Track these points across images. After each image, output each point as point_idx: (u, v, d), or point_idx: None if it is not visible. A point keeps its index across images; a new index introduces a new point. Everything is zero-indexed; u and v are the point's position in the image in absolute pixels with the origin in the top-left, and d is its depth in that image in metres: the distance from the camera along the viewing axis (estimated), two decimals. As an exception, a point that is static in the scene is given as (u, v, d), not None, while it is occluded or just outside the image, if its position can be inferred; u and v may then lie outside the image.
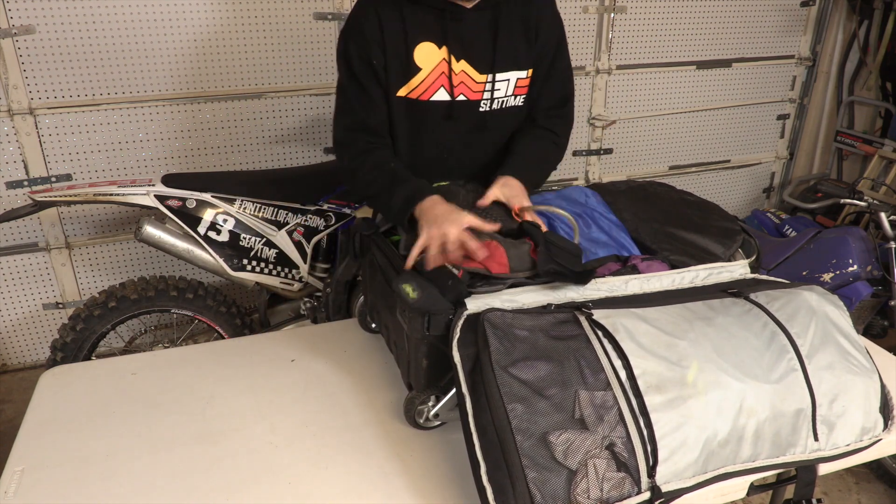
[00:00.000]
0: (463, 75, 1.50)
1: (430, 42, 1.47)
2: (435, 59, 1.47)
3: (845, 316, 1.27)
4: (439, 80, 1.49)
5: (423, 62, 1.47)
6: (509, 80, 1.53)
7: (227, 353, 1.51)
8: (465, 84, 1.51)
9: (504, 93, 1.54)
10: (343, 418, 1.29)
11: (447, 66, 1.48)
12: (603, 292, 1.24)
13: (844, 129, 3.73)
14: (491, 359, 1.02)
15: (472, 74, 1.50)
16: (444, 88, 1.49)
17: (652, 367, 1.05)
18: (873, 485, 2.34)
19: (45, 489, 1.10)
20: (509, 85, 1.54)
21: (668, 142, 3.59)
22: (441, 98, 1.50)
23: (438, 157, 1.58)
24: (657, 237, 1.54)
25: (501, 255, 1.25)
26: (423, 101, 1.49)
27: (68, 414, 1.29)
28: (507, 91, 1.54)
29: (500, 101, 1.55)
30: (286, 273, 2.27)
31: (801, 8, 3.57)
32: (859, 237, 2.55)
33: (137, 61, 2.53)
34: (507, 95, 1.55)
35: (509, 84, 1.54)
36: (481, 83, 1.51)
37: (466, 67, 1.50)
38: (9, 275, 2.66)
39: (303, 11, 2.67)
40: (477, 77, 1.51)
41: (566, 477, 0.95)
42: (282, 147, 2.85)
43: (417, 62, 1.47)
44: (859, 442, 1.18)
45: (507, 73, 1.52)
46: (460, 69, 1.49)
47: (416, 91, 1.49)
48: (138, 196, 2.09)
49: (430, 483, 1.13)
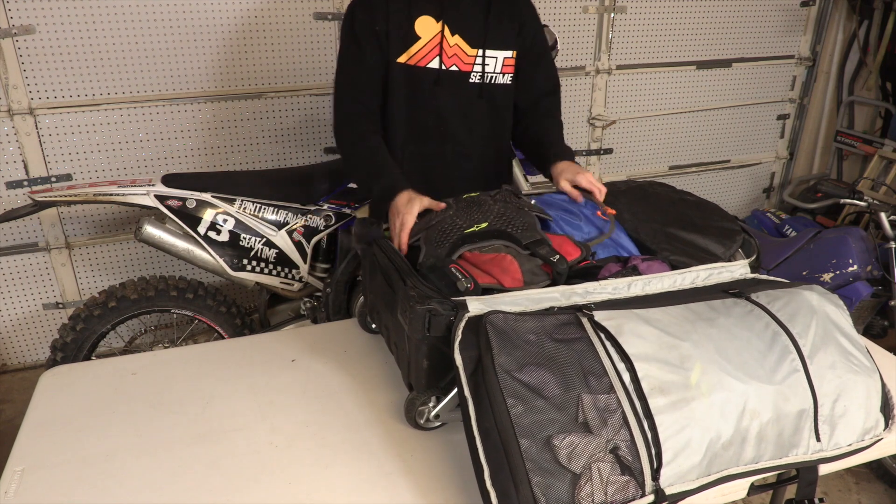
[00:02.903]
0: (456, 48, 1.69)
1: (429, 16, 1.66)
2: (432, 31, 1.67)
3: (845, 315, 1.26)
4: (434, 50, 1.68)
5: (422, 32, 1.67)
6: (497, 57, 1.73)
7: (227, 353, 1.50)
8: (457, 56, 1.70)
9: (493, 69, 1.74)
10: (343, 418, 1.29)
11: (441, 38, 1.68)
12: (605, 294, 1.23)
13: (844, 129, 3.73)
14: (493, 362, 1.01)
15: (464, 48, 1.70)
16: (438, 57, 1.69)
17: (655, 369, 1.04)
18: (873, 485, 2.34)
19: (45, 489, 1.10)
20: (497, 62, 1.73)
21: (668, 142, 3.59)
22: (433, 66, 1.69)
23: (434, 124, 1.75)
24: (657, 237, 1.54)
25: (516, 270, 1.25)
26: (419, 67, 1.68)
27: (68, 414, 1.29)
28: (495, 67, 1.74)
29: (490, 76, 1.74)
30: (286, 273, 2.27)
31: (801, 8, 3.57)
32: (859, 237, 2.55)
33: (137, 61, 2.52)
34: (495, 72, 1.74)
35: (497, 61, 1.73)
36: (472, 56, 1.71)
37: (460, 41, 1.69)
38: (9, 275, 2.66)
39: (303, 11, 2.66)
40: (468, 51, 1.70)
41: (570, 481, 0.95)
42: (282, 147, 2.85)
43: (417, 32, 1.66)
44: (860, 442, 1.18)
45: (496, 51, 1.72)
46: (454, 42, 1.69)
47: (414, 58, 1.68)
48: (138, 196, 2.09)
49: (430, 483, 1.13)
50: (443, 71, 1.69)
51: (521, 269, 1.25)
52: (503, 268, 1.25)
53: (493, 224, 1.36)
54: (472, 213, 1.40)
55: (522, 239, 1.32)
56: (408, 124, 1.74)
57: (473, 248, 1.31)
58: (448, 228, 1.36)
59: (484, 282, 1.22)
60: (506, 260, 1.26)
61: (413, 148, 1.76)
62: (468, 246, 1.31)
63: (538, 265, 1.28)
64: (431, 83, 1.70)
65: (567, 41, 3.15)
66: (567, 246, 1.36)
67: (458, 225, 1.36)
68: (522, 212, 1.42)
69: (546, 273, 1.27)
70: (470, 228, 1.35)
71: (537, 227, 1.38)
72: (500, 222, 1.37)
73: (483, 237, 1.33)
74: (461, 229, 1.35)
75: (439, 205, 1.47)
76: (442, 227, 1.37)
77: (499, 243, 1.32)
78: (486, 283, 1.22)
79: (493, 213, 1.40)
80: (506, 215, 1.39)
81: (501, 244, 1.32)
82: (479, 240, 1.32)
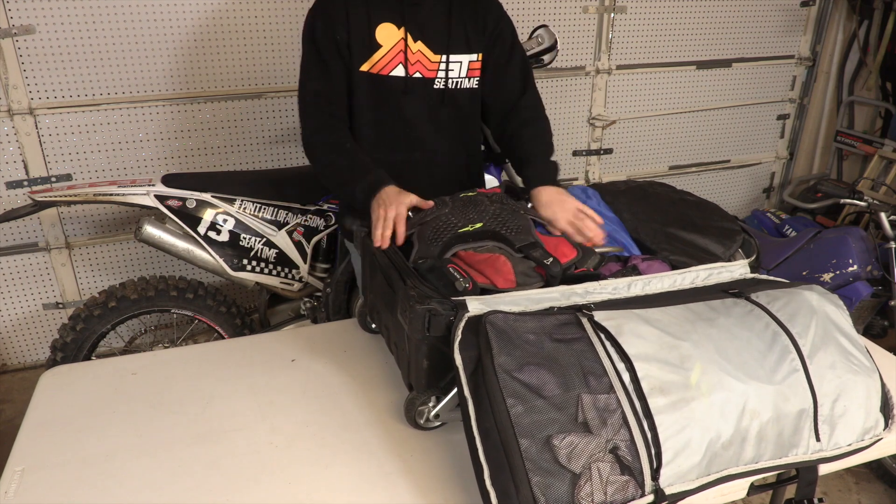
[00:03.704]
0: (420, 55, 1.66)
1: (389, 23, 1.62)
2: (394, 38, 1.63)
3: (845, 315, 1.26)
4: (397, 57, 1.64)
5: (384, 40, 1.63)
6: (461, 62, 1.69)
7: (227, 353, 1.50)
8: (420, 63, 1.66)
9: (457, 73, 1.70)
10: (343, 418, 1.29)
11: (404, 45, 1.63)
12: (605, 294, 1.23)
13: (844, 129, 3.73)
14: (493, 362, 1.01)
15: (427, 54, 1.66)
16: (402, 65, 1.65)
17: (655, 369, 1.04)
18: (873, 485, 2.34)
19: (45, 489, 1.10)
20: (462, 66, 1.69)
21: (668, 142, 3.59)
22: (398, 74, 1.65)
23: (403, 131, 1.71)
24: (657, 237, 1.54)
25: (509, 272, 1.25)
26: (382, 75, 1.64)
27: (68, 414, 1.29)
28: (460, 72, 1.70)
29: (455, 82, 1.70)
30: (286, 273, 2.27)
31: (801, 8, 3.57)
32: (859, 237, 2.55)
33: (137, 61, 2.52)
34: (460, 76, 1.70)
35: (461, 66, 1.69)
36: (436, 62, 1.67)
37: (423, 48, 1.65)
38: (9, 275, 2.66)
39: (303, 11, 2.65)
40: (432, 57, 1.67)
41: (570, 480, 0.95)
42: (282, 147, 2.85)
43: (378, 40, 1.62)
44: (860, 442, 1.18)
45: (460, 55, 1.68)
46: (417, 49, 1.65)
47: (377, 66, 1.63)
48: (138, 196, 2.09)
49: (430, 483, 1.13)
50: (409, 78, 1.65)
51: (515, 271, 1.25)
52: (496, 268, 1.25)
53: (488, 225, 1.36)
54: (468, 213, 1.40)
55: (516, 242, 1.32)
56: (374, 132, 1.69)
57: (467, 247, 1.31)
58: (442, 226, 1.36)
59: (478, 281, 1.22)
60: (499, 261, 1.26)
61: (381, 156, 1.66)
62: (461, 245, 1.31)
63: (531, 267, 1.28)
64: (399, 91, 1.65)
65: (567, 41, 3.15)
66: (563, 247, 1.36)
67: (453, 223, 1.36)
68: (518, 214, 1.42)
69: (539, 275, 1.27)
70: (464, 228, 1.35)
71: (532, 230, 1.38)
72: (495, 223, 1.37)
73: (477, 237, 1.33)
74: (455, 228, 1.35)
75: (427, 203, 1.46)
76: (436, 224, 1.37)
77: (492, 244, 1.32)
78: (479, 282, 1.22)
79: (489, 213, 1.40)
80: (501, 217, 1.39)
81: (495, 245, 1.32)
82: (472, 240, 1.32)
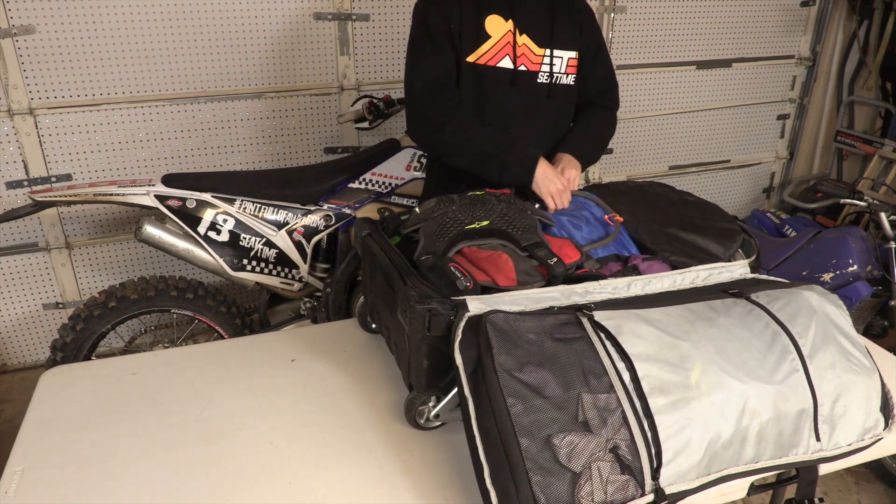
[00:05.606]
0: (525, 48, 1.69)
1: (498, 15, 1.66)
2: (502, 29, 1.67)
3: (845, 315, 1.26)
4: (505, 49, 1.67)
5: (493, 31, 1.66)
6: (562, 57, 1.73)
7: (227, 353, 1.50)
8: (525, 56, 1.69)
9: (559, 69, 1.73)
10: (343, 418, 1.29)
11: (512, 38, 1.67)
12: (605, 294, 1.23)
13: (844, 129, 3.73)
14: (494, 361, 1.01)
15: (532, 48, 1.69)
16: (509, 57, 1.68)
17: (655, 369, 1.04)
18: (873, 485, 2.34)
19: (45, 489, 1.10)
20: (563, 62, 1.74)
21: (668, 142, 3.59)
22: (506, 66, 1.68)
23: (501, 125, 1.72)
24: (657, 238, 1.54)
25: (510, 269, 1.25)
26: (490, 66, 1.67)
27: (68, 414, 1.29)
28: (561, 68, 1.74)
29: (556, 77, 1.74)
30: (286, 273, 2.27)
31: (801, 8, 3.57)
32: (859, 237, 2.55)
33: (137, 61, 2.52)
34: (560, 72, 1.74)
35: (563, 62, 1.74)
36: (539, 56, 1.71)
37: (528, 41, 1.69)
38: (9, 275, 2.66)
39: (303, 11, 2.67)
40: (536, 50, 1.70)
41: (570, 480, 0.95)
42: (282, 147, 2.85)
43: (488, 31, 1.66)
44: (860, 441, 1.18)
45: (562, 50, 1.73)
46: (522, 42, 1.68)
47: (485, 57, 1.67)
48: (138, 196, 2.09)
49: (430, 483, 1.13)
50: (516, 71, 1.68)
51: (516, 269, 1.25)
52: (498, 266, 1.25)
53: (495, 223, 1.36)
54: (475, 210, 1.40)
55: (521, 241, 1.32)
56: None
57: (472, 244, 1.31)
58: (449, 222, 1.36)
59: (479, 279, 1.22)
60: (501, 258, 1.26)
61: None
62: (467, 242, 1.31)
63: (533, 266, 1.28)
64: (506, 83, 1.68)
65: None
66: (567, 248, 1.36)
67: (460, 220, 1.37)
68: (525, 214, 1.42)
69: (541, 274, 1.27)
70: (471, 225, 1.35)
71: (538, 230, 1.38)
72: (502, 222, 1.37)
73: (482, 235, 1.33)
74: (462, 224, 1.35)
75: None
76: (443, 220, 1.37)
77: (496, 242, 1.32)
78: (481, 280, 1.22)
79: (496, 212, 1.40)
80: (508, 216, 1.39)
81: (499, 243, 1.32)
82: (478, 237, 1.32)
